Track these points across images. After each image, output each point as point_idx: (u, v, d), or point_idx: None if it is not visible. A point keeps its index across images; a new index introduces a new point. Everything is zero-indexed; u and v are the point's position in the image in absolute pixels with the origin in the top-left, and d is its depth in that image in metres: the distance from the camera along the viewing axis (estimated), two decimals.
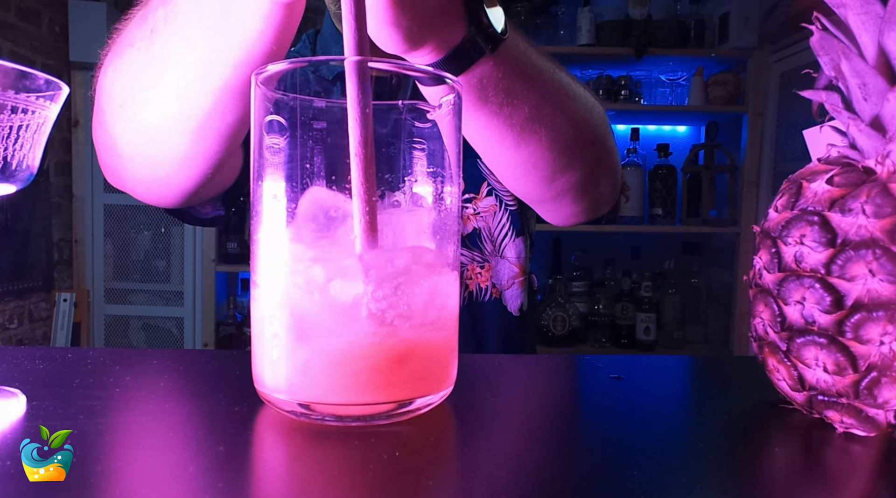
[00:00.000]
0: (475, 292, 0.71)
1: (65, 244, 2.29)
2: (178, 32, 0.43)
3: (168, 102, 0.47)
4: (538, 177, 0.55)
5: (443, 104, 0.33)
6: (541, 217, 0.77)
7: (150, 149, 0.51)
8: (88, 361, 0.43)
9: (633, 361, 0.48)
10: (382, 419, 0.32)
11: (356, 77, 0.31)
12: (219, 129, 0.48)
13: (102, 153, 0.55)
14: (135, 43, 0.46)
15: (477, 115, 0.48)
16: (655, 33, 2.15)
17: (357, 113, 0.31)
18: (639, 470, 0.27)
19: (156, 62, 0.45)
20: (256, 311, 0.33)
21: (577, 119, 0.54)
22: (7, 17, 1.95)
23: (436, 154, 0.33)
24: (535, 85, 0.49)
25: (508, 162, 0.54)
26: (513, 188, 0.60)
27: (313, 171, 0.31)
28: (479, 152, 0.55)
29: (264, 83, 0.32)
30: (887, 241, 0.30)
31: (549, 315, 2.18)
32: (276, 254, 0.32)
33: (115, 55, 0.49)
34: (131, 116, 0.49)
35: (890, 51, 0.32)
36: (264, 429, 0.31)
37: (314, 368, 0.30)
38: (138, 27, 0.46)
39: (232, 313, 2.34)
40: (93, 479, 0.25)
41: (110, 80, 0.49)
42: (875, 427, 0.31)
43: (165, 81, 0.45)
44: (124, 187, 0.58)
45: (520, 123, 0.49)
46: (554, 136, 0.52)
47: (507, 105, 0.48)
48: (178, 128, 0.48)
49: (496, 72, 0.45)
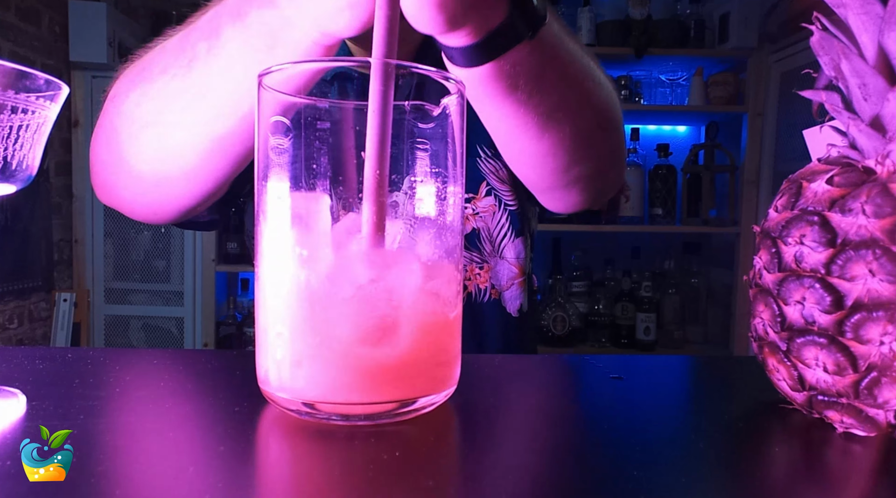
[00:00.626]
0: (474, 293, 0.70)
1: (65, 244, 2.29)
2: (219, 65, 0.44)
3: (196, 126, 0.48)
4: (554, 166, 0.54)
5: (446, 106, 0.33)
6: (541, 217, 0.76)
7: (165, 167, 0.52)
8: (88, 361, 0.43)
9: (633, 361, 0.48)
10: (385, 418, 0.32)
11: (381, 79, 0.31)
12: (237, 151, 0.50)
13: (102, 171, 0.56)
14: (168, 70, 0.47)
15: (504, 103, 0.46)
16: (655, 33, 2.15)
17: (378, 115, 0.31)
18: (639, 470, 0.27)
19: (191, 90, 0.47)
20: (261, 310, 0.33)
21: (601, 106, 0.53)
22: (7, 17, 1.95)
23: (439, 154, 0.33)
24: (566, 72, 0.48)
25: (527, 152, 0.52)
26: (524, 176, 0.59)
27: (318, 172, 0.31)
28: (496, 140, 0.53)
29: (270, 84, 0.32)
30: (887, 242, 0.30)
31: (549, 315, 2.18)
32: (281, 253, 0.32)
33: (143, 80, 0.50)
34: (153, 138, 0.50)
35: (890, 51, 0.32)
36: (265, 429, 0.31)
37: (318, 366, 0.30)
38: (175, 56, 0.47)
39: (232, 313, 2.34)
40: (93, 479, 0.25)
41: (134, 103, 0.50)
42: (875, 427, 0.31)
43: (197, 108, 0.47)
44: (119, 204, 0.58)
45: (546, 112, 0.48)
46: (578, 125, 0.50)
47: (537, 93, 0.46)
48: (199, 149, 0.49)
49: (531, 58, 0.44)
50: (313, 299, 0.30)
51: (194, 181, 0.53)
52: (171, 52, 0.48)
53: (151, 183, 0.54)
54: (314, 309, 0.30)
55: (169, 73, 0.48)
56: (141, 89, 0.50)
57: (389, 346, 0.30)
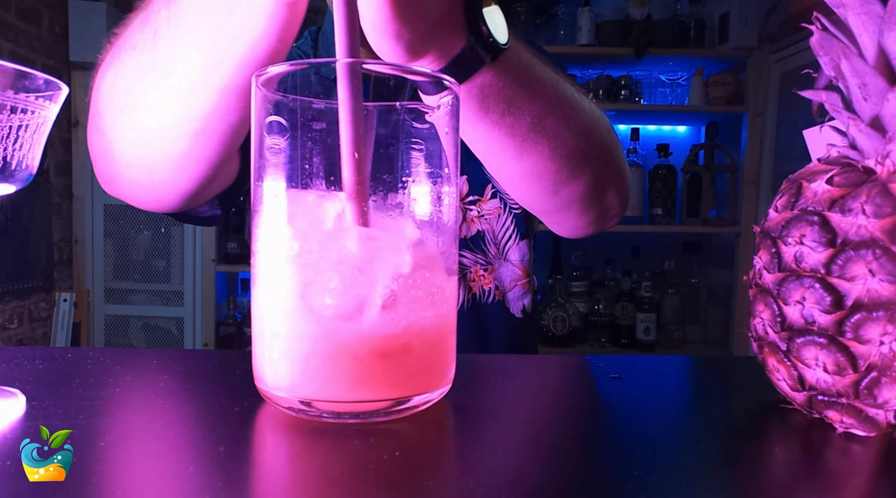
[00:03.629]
0: (479, 294, 0.71)
1: (65, 244, 2.29)
2: (181, 32, 0.43)
3: (171, 105, 0.46)
4: (541, 187, 0.55)
5: (441, 105, 0.34)
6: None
7: (151, 153, 0.50)
8: (88, 361, 0.43)
9: (633, 361, 0.48)
10: (380, 416, 0.32)
11: (348, 78, 0.31)
12: (221, 129, 0.48)
13: (99, 159, 0.55)
14: (137, 45, 0.46)
15: (478, 124, 0.48)
16: (655, 33, 2.15)
17: (349, 114, 0.31)
18: (639, 470, 0.27)
19: (159, 64, 0.45)
20: (257, 309, 0.33)
21: (582, 130, 0.54)
22: (7, 17, 1.95)
23: (434, 155, 0.33)
24: (538, 95, 0.49)
25: (511, 171, 0.54)
26: (518, 198, 0.60)
27: (313, 172, 0.31)
28: (483, 162, 0.55)
29: (264, 85, 0.32)
30: (887, 242, 0.30)
31: (549, 315, 2.18)
32: (276, 253, 0.32)
33: (115, 59, 0.48)
34: (132, 120, 0.49)
35: (890, 51, 0.32)
36: (265, 429, 0.31)
37: (314, 365, 0.30)
38: (140, 30, 0.46)
39: (232, 313, 2.34)
40: (93, 479, 0.25)
41: (109, 85, 0.49)
42: (875, 427, 0.31)
43: (169, 84, 0.45)
44: (121, 194, 0.57)
45: (522, 133, 0.49)
46: (557, 147, 0.52)
47: (509, 114, 0.48)
48: (180, 130, 0.48)
49: (497, 81, 0.45)
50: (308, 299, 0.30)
51: (185, 165, 0.51)
52: (136, 25, 0.47)
53: (143, 169, 0.52)
54: (308, 309, 0.30)
55: (137, 49, 0.46)
56: (114, 69, 0.48)
57: (383, 344, 0.30)
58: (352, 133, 0.31)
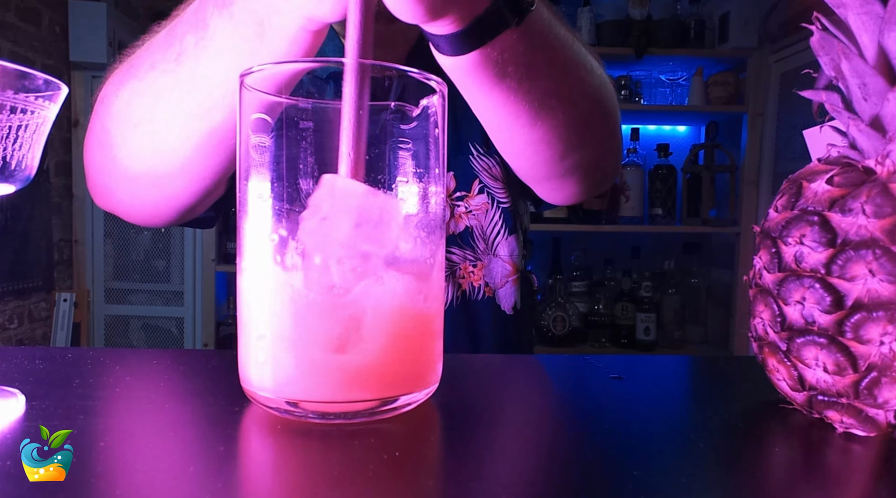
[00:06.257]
0: (468, 291, 0.70)
1: (65, 244, 2.29)
2: (207, 55, 0.44)
3: (189, 121, 0.47)
4: (549, 155, 0.53)
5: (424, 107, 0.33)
6: (537, 217, 0.76)
7: (160, 166, 0.51)
8: (88, 361, 0.43)
9: (633, 361, 0.48)
10: (365, 416, 0.32)
11: (356, 80, 0.31)
12: (231, 143, 0.49)
13: (96, 175, 0.56)
14: (157, 66, 0.47)
15: (493, 91, 0.45)
16: (655, 33, 2.15)
17: (352, 115, 0.31)
18: (639, 470, 0.27)
19: (181, 84, 0.46)
20: (242, 309, 0.33)
21: (593, 93, 0.52)
22: (7, 17, 1.95)
23: (419, 154, 0.33)
24: (557, 59, 0.47)
25: (521, 140, 0.52)
26: (519, 166, 0.58)
27: (299, 170, 0.31)
28: (488, 130, 0.53)
29: (252, 84, 0.32)
30: (887, 242, 0.30)
31: (549, 315, 2.18)
32: (261, 253, 0.32)
33: (131, 78, 0.49)
34: (146, 136, 0.50)
35: (890, 51, 0.32)
36: (265, 429, 0.31)
37: (298, 365, 0.30)
38: (161, 51, 0.47)
39: (232, 313, 2.34)
40: (93, 479, 0.25)
41: (125, 102, 0.50)
42: (875, 427, 0.31)
43: (190, 101, 0.46)
44: (117, 208, 0.58)
45: (538, 99, 0.47)
46: (570, 112, 0.50)
47: (527, 80, 0.45)
48: (193, 144, 0.49)
49: (519, 45, 0.43)
50: (292, 300, 0.30)
51: (191, 178, 0.52)
52: (158, 47, 0.48)
53: (148, 183, 0.53)
54: (293, 309, 0.30)
55: (158, 69, 0.47)
56: (131, 88, 0.49)
57: (368, 344, 0.30)
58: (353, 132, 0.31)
